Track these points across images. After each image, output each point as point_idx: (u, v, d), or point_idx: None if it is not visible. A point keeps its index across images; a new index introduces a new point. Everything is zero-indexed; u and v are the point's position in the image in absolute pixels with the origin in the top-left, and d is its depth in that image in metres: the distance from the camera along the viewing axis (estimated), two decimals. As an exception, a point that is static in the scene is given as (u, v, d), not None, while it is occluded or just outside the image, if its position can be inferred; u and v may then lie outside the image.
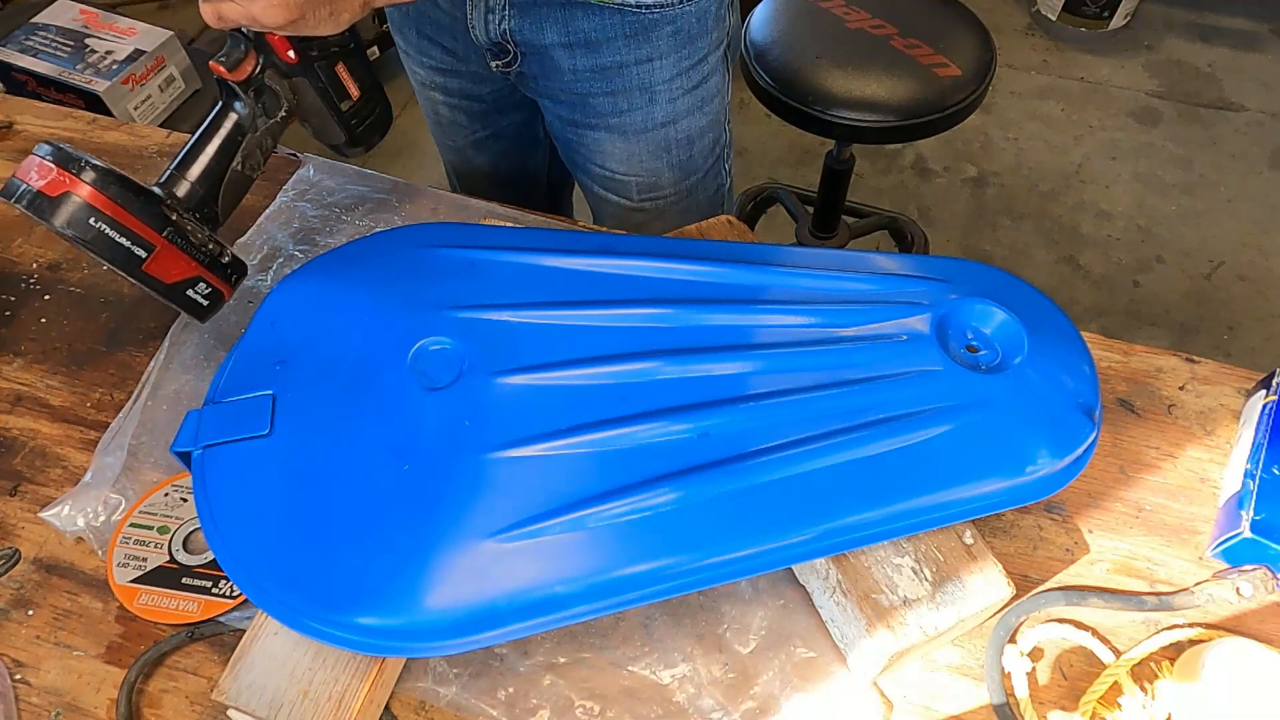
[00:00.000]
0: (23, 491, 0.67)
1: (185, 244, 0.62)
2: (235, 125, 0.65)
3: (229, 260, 0.66)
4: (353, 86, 0.70)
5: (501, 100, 0.97)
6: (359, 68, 0.70)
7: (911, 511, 0.54)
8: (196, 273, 0.63)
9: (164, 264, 0.61)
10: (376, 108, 0.74)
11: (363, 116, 0.73)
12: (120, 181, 0.58)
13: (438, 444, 0.54)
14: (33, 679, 0.59)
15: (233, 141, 0.65)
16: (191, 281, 0.63)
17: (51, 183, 0.56)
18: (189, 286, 0.63)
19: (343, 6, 0.60)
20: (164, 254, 0.61)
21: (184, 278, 0.63)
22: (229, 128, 0.65)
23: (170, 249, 0.61)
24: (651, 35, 0.80)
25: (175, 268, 0.62)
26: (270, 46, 0.64)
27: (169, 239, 0.61)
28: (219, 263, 0.65)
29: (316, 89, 0.68)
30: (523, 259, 0.63)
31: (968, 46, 1.27)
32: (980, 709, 0.57)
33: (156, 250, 0.60)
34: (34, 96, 1.59)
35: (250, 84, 0.64)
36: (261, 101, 0.65)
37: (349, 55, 0.69)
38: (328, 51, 0.67)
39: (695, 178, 0.95)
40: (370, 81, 0.72)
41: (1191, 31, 2.38)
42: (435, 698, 0.57)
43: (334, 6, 0.59)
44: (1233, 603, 0.57)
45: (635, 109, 0.86)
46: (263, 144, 0.66)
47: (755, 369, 0.58)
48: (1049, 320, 0.61)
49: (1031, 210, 2.01)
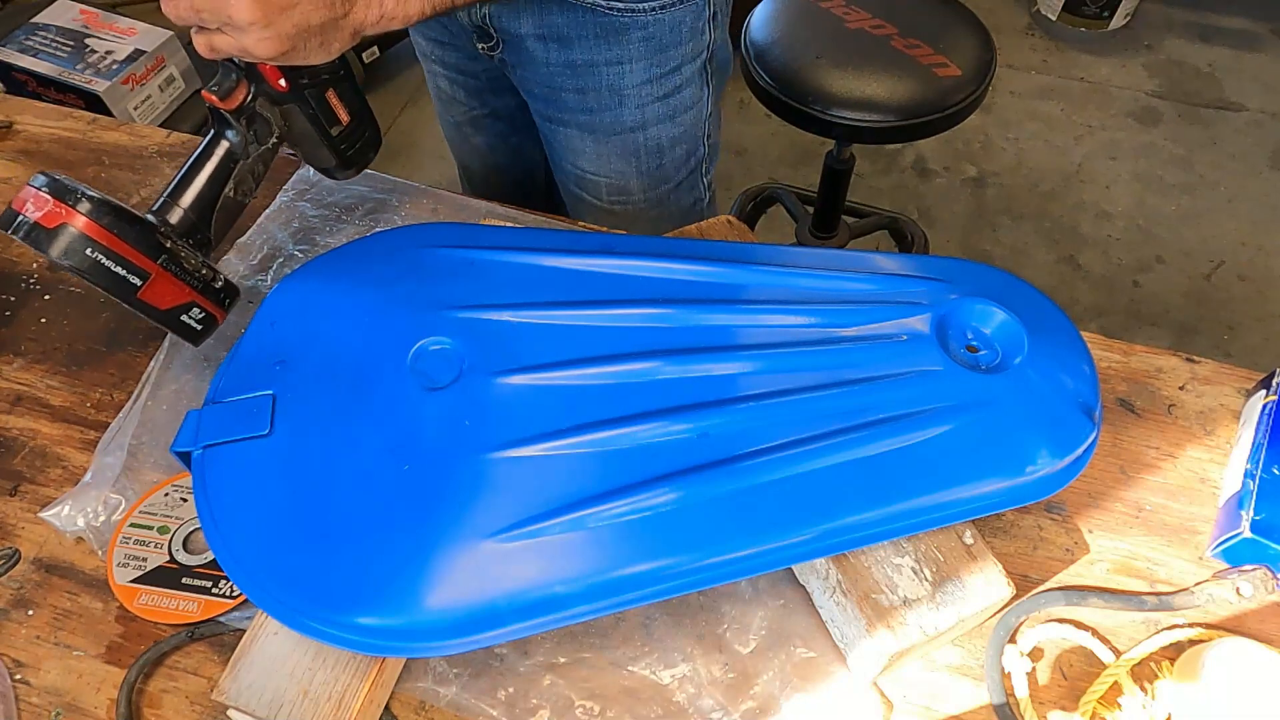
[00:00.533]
0: (23, 491, 0.67)
1: (179, 270, 0.63)
2: (227, 153, 0.66)
3: (221, 285, 0.67)
4: (342, 112, 0.72)
5: (495, 80, 0.98)
6: (348, 93, 0.72)
7: (911, 511, 0.54)
8: (190, 298, 0.64)
9: (158, 291, 0.62)
10: (366, 131, 0.76)
11: (352, 141, 0.74)
12: (115, 212, 0.59)
13: (437, 444, 0.54)
14: (33, 679, 0.59)
15: (225, 169, 0.66)
16: (185, 307, 0.64)
17: (48, 214, 0.57)
18: (183, 312, 0.64)
19: (333, 37, 0.61)
20: (158, 281, 0.62)
21: (178, 304, 0.64)
22: (221, 155, 0.66)
23: (165, 276, 0.62)
24: (622, 38, 0.81)
25: (169, 294, 0.63)
26: (261, 75, 0.65)
27: (163, 266, 0.62)
28: (212, 288, 0.66)
29: (307, 115, 0.69)
30: (523, 259, 0.63)
31: (968, 46, 1.26)
32: (980, 709, 0.57)
33: (151, 278, 0.61)
34: (34, 96, 1.59)
35: (242, 112, 0.65)
36: (253, 129, 0.66)
37: (339, 81, 0.70)
38: (318, 79, 0.68)
39: (667, 187, 0.95)
40: (359, 106, 0.73)
41: (1191, 31, 2.38)
42: (435, 698, 0.57)
43: (324, 37, 0.60)
44: (1233, 603, 0.57)
45: (604, 109, 0.87)
46: (254, 170, 0.68)
47: (755, 369, 0.58)
48: (1049, 320, 0.61)
49: (1031, 210, 2.01)
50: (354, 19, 0.61)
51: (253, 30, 0.56)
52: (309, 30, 0.59)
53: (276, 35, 0.57)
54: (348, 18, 0.61)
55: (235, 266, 0.80)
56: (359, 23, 0.62)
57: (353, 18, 0.61)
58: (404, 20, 0.64)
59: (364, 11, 0.61)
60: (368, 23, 0.62)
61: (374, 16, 0.62)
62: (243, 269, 0.80)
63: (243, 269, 0.80)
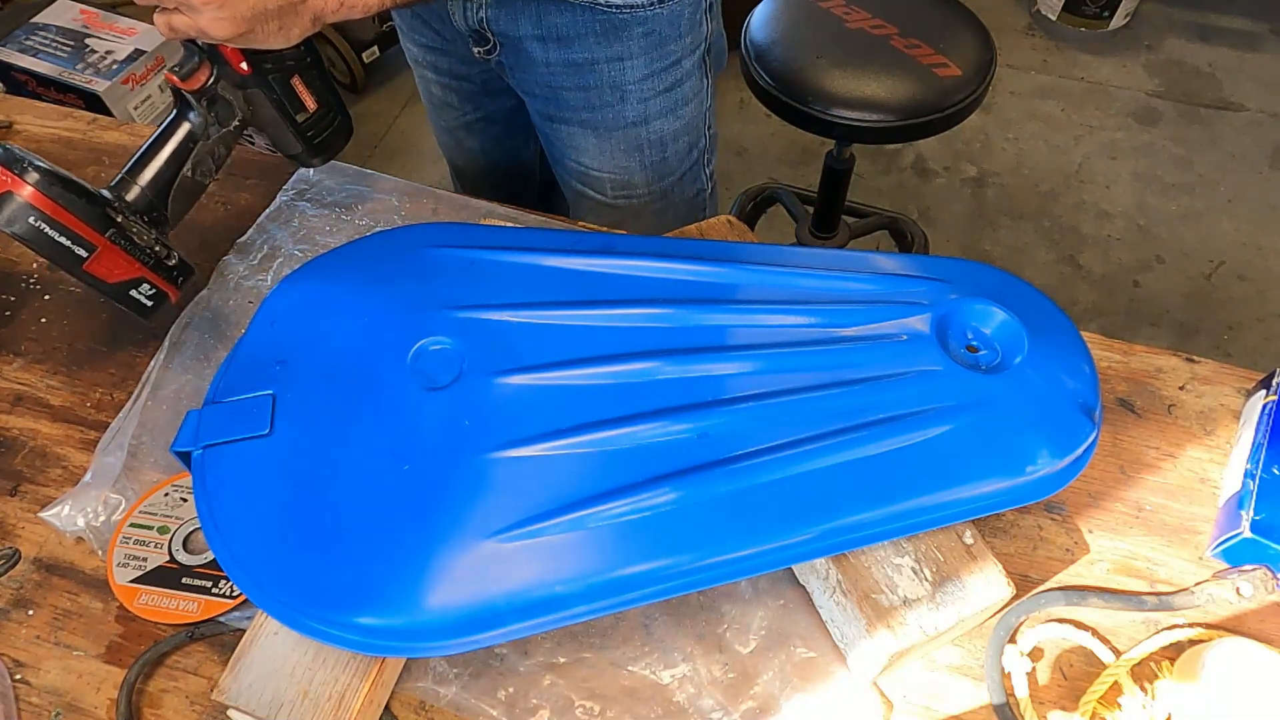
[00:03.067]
0: (23, 491, 0.67)
1: (129, 245, 0.64)
2: (188, 133, 0.67)
3: (175, 263, 0.68)
4: (309, 99, 0.72)
5: (490, 83, 0.98)
6: (315, 81, 0.72)
7: (911, 511, 0.54)
8: (140, 274, 0.65)
9: (106, 264, 0.63)
10: (335, 119, 0.76)
11: (320, 128, 0.75)
12: (63, 183, 0.60)
13: (438, 444, 0.54)
14: (33, 679, 0.59)
15: (184, 149, 0.67)
16: (135, 282, 0.65)
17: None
18: (132, 287, 0.65)
19: (292, 21, 0.61)
20: (105, 254, 0.62)
21: (127, 278, 0.65)
22: (181, 135, 0.67)
23: (112, 249, 0.63)
24: (622, 35, 0.81)
25: (117, 268, 0.64)
26: (224, 58, 0.65)
27: (111, 239, 0.63)
28: (164, 264, 0.67)
29: (271, 100, 0.70)
30: (523, 259, 0.63)
31: (968, 46, 1.26)
32: (980, 709, 0.57)
33: (98, 250, 0.62)
34: (34, 96, 1.60)
35: (204, 94, 0.66)
36: (215, 111, 0.67)
37: (305, 69, 0.71)
38: (282, 65, 0.69)
39: (670, 180, 0.95)
40: (328, 94, 0.74)
41: (1191, 31, 2.38)
42: (435, 698, 0.57)
43: (282, 21, 0.61)
44: (1233, 603, 0.57)
45: (606, 106, 0.87)
46: (215, 152, 0.68)
47: (755, 369, 0.58)
48: (1049, 320, 0.61)
49: (1031, 210, 2.01)
50: (313, 5, 0.61)
51: (207, 10, 0.57)
52: (266, 13, 0.59)
53: (232, 17, 0.57)
54: (306, 3, 0.61)
55: (235, 266, 0.80)
56: (318, 9, 0.62)
57: (311, 3, 0.61)
58: (364, 9, 0.64)
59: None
60: (327, 10, 0.62)
61: (333, 4, 0.62)
62: (243, 269, 0.80)
63: (243, 269, 0.80)
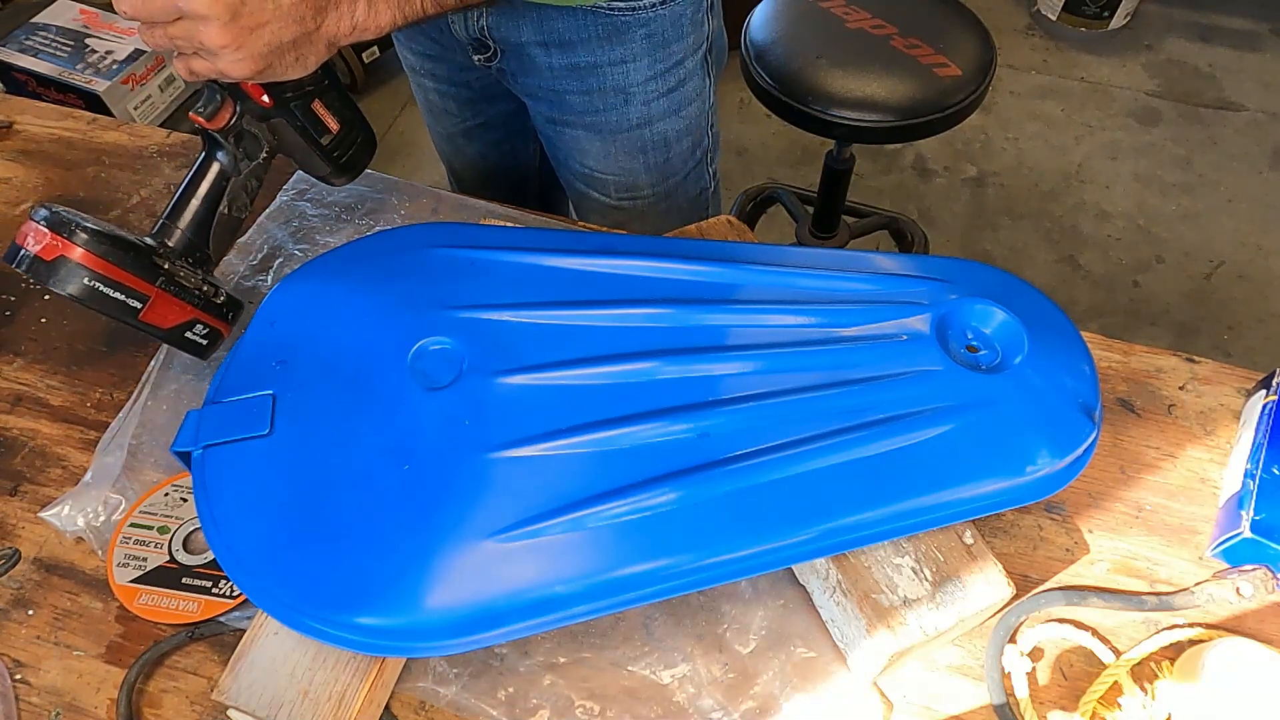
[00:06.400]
0: (23, 491, 0.67)
1: (178, 290, 0.64)
2: (219, 172, 0.67)
3: (224, 300, 0.68)
4: (331, 121, 0.72)
5: (490, 88, 0.97)
6: (336, 101, 0.72)
7: (911, 511, 0.54)
8: (192, 316, 0.66)
9: (160, 311, 0.64)
10: (359, 137, 0.76)
11: (345, 148, 0.75)
12: (111, 240, 0.61)
13: (438, 444, 0.54)
14: (33, 679, 0.59)
15: (218, 187, 0.67)
16: (188, 325, 0.66)
17: (46, 247, 0.59)
18: (186, 329, 0.66)
19: (307, 51, 0.62)
20: (159, 302, 0.63)
21: (180, 322, 0.65)
22: (214, 175, 0.67)
23: (164, 297, 0.63)
24: (625, 37, 0.81)
25: (171, 314, 0.64)
26: (245, 93, 0.66)
27: (162, 288, 0.63)
28: (213, 303, 0.67)
29: (295, 127, 0.70)
30: (523, 259, 0.63)
31: (968, 46, 1.26)
32: (980, 709, 0.57)
33: (151, 300, 0.63)
34: (34, 96, 1.59)
35: (230, 131, 0.66)
36: (242, 146, 0.67)
37: (324, 91, 0.71)
38: (302, 91, 0.69)
39: (675, 180, 0.95)
40: (349, 113, 0.74)
41: (1191, 31, 2.38)
42: (435, 698, 0.57)
43: (298, 52, 0.61)
44: (1233, 603, 0.57)
45: (611, 109, 0.87)
46: (247, 185, 0.69)
47: (755, 369, 0.58)
48: (1049, 320, 0.61)
49: (1031, 210, 2.01)
50: (326, 32, 0.62)
51: (225, 54, 0.57)
52: (282, 47, 0.59)
53: (250, 56, 0.58)
54: (319, 31, 0.61)
55: (235, 266, 0.80)
56: (332, 35, 0.62)
57: (325, 31, 0.61)
58: (376, 30, 0.64)
59: (335, 24, 0.62)
60: (340, 34, 0.63)
61: (346, 28, 0.63)
62: (243, 269, 0.80)
63: (243, 269, 0.80)
